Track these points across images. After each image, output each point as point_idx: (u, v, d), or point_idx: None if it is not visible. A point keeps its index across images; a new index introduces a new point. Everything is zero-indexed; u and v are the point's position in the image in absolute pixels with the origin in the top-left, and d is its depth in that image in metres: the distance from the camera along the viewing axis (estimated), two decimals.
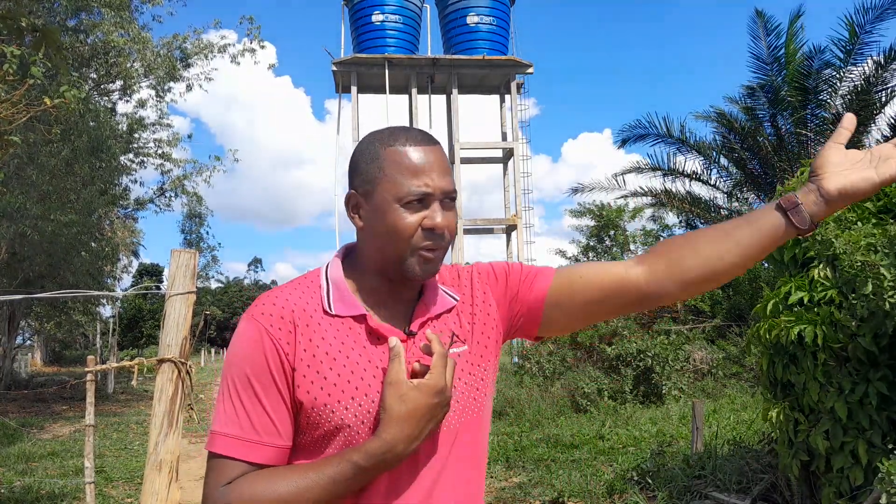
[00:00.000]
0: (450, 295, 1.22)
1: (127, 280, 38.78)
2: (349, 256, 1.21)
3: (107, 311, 23.86)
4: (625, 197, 15.60)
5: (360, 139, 1.20)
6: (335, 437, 1.07)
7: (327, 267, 1.19)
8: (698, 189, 15.17)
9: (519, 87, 23.91)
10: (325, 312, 1.12)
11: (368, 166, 1.12)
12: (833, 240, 3.44)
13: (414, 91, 23.04)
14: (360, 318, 1.12)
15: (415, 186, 1.08)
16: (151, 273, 45.27)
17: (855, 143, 12.45)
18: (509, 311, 1.23)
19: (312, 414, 1.07)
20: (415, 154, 1.10)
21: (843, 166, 1.10)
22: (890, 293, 3.15)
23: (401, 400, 1.02)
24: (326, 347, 1.09)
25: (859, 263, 3.29)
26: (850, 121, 1.12)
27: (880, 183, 1.08)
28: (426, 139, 1.13)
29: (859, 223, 3.56)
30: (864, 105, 12.08)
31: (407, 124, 20.56)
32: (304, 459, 1.09)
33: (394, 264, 1.11)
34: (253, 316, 1.10)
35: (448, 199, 1.11)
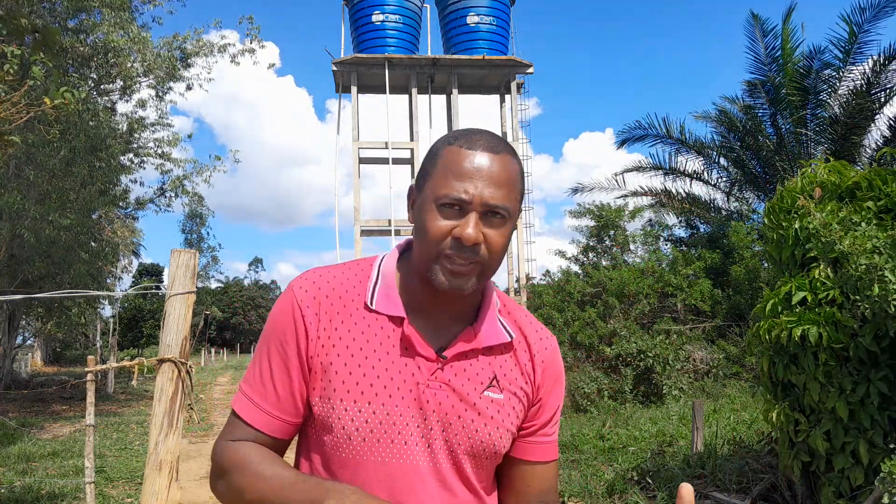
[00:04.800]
0: (506, 328, 1.13)
1: (127, 280, 38.79)
2: (407, 252, 1.16)
3: (107, 311, 23.85)
4: (625, 197, 15.63)
5: None
6: (326, 435, 1.06)
7: (383, 258, 1.15)
8: (698, 189, 15.22)
9: (519, 87, 23.90)
10: (366, 306, 1.09)
11: (427, 161, 1.07)
12: (837, 241, 3.44)
13: (414, 91, 23.02)
14: (398, 321, 1.07)
15: (453, 191, 1.00)
16: (151, 273, 45.24)
17: (854, 144, 12.46)
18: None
19: (317, 404, 1.07)
20: (467, 157, 1.01)
21: None
22: (895, 296, 3.15)
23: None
24: (349, 342, 1.06)
25: (864, 266, 3.28)
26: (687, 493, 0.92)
27: None
28: (489, 145, 1.03)
29: (863, 224, 3.55)
30: (863, 105, 12.07)
31: (414, 124, 20.33)
32: (303, 447, 1.13)
33: (425, 266, 1.04)
34: (292, 287, 1.11)
35: (491, 213, 1.01)
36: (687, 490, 0.91)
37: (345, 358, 1.05)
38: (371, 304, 1.08)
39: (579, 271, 14.60)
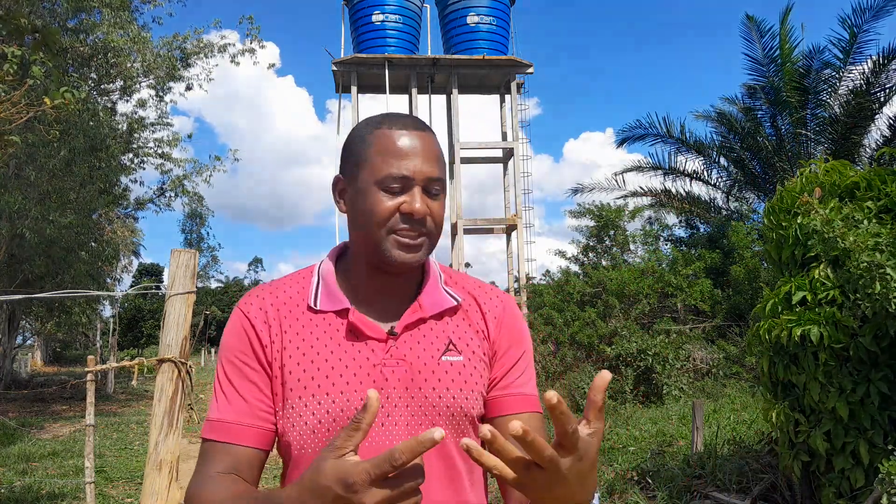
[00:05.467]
0: (451, 295, 1.16)
1: (127, 280, 38.74)
2: (345, 253, 1.20)
3: (107, 311, 23.86)
4: (624, 197, 15.61)
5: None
6: (292, 437, 1.06)
7: (321, 263, 1.18)
8: (698, 189, 15.21)
9: (519, 86, 23.90)
10: (309, 308, 1.11)
11: (355, 149, 1.10)
12: (839, 238, 3.43)
13: (414, 91, 23.02)
14: (343, 313, 1.10)
15: (395, 169, 1.04)
16: (151, 273, 45.20)
17: (854, 143, 12.46)
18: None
19: (282, 409, 1.08)
20: (400, 138, 1.06)
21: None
22: None
23: (316, 470, 0.79)
24: (299, 343, 1.08)
25: (865, 263, 3.28)
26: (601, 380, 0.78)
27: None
28: (416, 125, 1.09)
29: (865, 222, 3.55)
30: (863, 105, 12.06)
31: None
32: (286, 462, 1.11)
33: (373, 249, 1.07)
34: (238, 305, 1.13)
35: (432, 186, 1.07)
36: (602, 377, 0.78)
37: (297, 358, 1.07)
38: (315, 305, 1.11)
39: (579, 271, 14.60)
